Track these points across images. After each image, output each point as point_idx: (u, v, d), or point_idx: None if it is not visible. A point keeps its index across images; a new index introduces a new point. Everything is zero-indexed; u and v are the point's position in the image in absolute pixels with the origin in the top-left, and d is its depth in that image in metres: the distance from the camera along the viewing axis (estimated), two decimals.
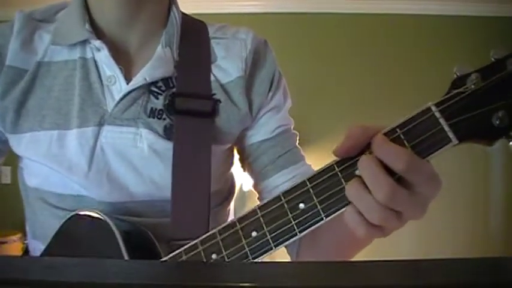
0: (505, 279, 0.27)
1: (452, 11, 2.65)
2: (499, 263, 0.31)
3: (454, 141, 0.44)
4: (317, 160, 0.75)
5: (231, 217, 0.77)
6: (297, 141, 0.75)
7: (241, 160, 0.75)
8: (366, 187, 0.45)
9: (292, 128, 0.75)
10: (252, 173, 0.74)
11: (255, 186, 0.75)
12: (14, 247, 2.36)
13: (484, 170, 2.61)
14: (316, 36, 2.71)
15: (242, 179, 1.35)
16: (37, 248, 0.69)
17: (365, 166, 0.45)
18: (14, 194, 0.77)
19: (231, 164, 0.76)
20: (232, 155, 0.76)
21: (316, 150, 2.49)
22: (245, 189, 2.09)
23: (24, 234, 2.52)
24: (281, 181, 0.70)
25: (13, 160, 0.77)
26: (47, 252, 0.63)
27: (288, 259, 0.75)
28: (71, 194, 0.66)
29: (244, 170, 0.76)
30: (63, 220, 0.62)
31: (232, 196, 0.77)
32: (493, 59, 0.45)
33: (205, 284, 0.28)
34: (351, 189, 0.46)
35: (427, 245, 2.50)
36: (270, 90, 0.72)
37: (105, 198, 0.65)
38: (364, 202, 0.45)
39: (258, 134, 0.72)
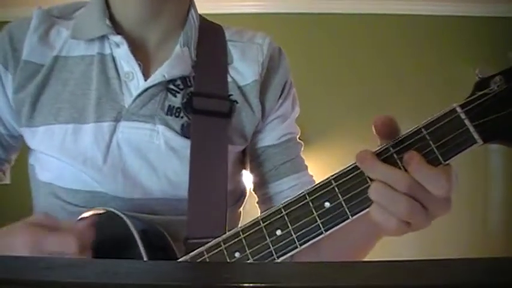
0: (504, 279, 0.27)
1: (455, 11, 2.64)
2: (499, 263, 0.31)
3: (479, 142, 0.45)
4: (317, 160, 0.75)
5: (241, 220, 0.78)
6: (302, 150, 0.76)
7: (247, 162, 0.76)
8: (386, 185, 0.46)
9: (297, 136, 0.76)
10: (255, 176, 0.75)
11: (256, 189, 0.76)
12: None
13: (483, 170, 2.61)
14: (317, 36, 2.70)
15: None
16: None
17: (375, 172, 0.47)
18: (13, 194, 0.77)
19: (243, 166, 0.76)
20: (245, 159, 0.76)
21: (316, 150, 2.49)
22: None
23: None
24: (281, 188, 0.71)
25: (14, 160, 0.77)
26: None
27: None
28: (83, 190, 0.66)
29: (249, 171, 0.76)
30: (76, 217, 0.61)
31: (244, 198, 0.78)
32: None
33: (206, 284, 0.28)
34: (372, 190, 0.47)
35: (427, 245, 2.50)
36: (280, 97, 0.73)
37: (119, 194, 0.65)
38: (387, 198, 0.46)
39: (265, 139, 0.73)
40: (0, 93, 0.68)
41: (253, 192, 0.77)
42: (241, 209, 0.78)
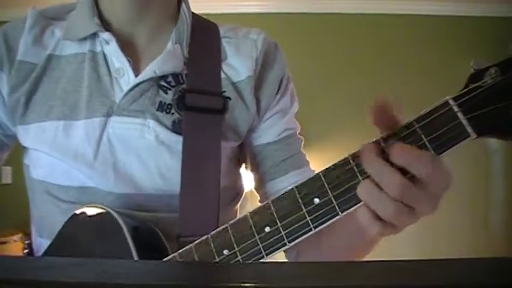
0: (505, 279, 0.27)
1: (455, 11, 2.65)
2: (500, 264, 0.31)
3: (473, 135, 0.44)
4: (318, 160, 0.75)
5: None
6: (302, 146, 0.75)
7: (247, 162, 0.75)
8: (376, 185, 0.45)
9: (297, 132, 0.75)
10: (256, 175, 0.74)
11: (257, 188, 0.75)
12: (14, 247, 2.36)
13: (484, 170, 2.61)
14: (316, 36, 2.71)
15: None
16: (43, 246, 0.69)
17: (372, 165, 0.46)
18: (14, 194, 0.77)
19: (239, 163, 0.76)
20: (241, 157, 0.75)
21: (317, 150, 2.49)
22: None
23: (25, 234, 2.52)
24: (284, 185, 0.70)
25: (14, 160, 0.77)
26: (53, 248, 0.63)
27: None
28: (75, 186, 0.66)
29: (248, 170, 0.76)
30: (69, 214, 0.61)
31: (241, 197, 0.77)
32: (510, 54, 0.44)
33: (206, 284, 0.28)
34: (362, 189, 0.46)
35: (427, 245, 2.50)
36: (277, 92, 0.72)
37: (111, 189, 0.65)
38: (376, 200, 0.45)
39: (264, 136, 0.72)
40: None
41: (254, 191, 0.76)
42: (237, 207, 0.77)
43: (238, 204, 0.77)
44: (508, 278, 0.27)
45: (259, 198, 0.76)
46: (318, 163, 0.82)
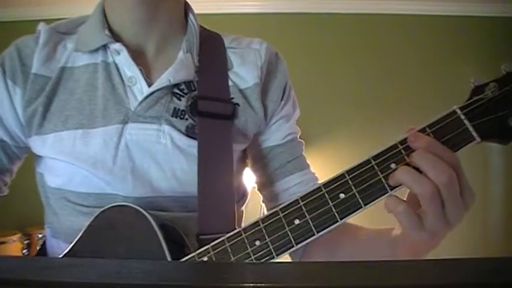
0: (503, 279, 0.27)
1: (453, 11, 2.65)
2: (499, 264, 0.31)
3: (477, 139, 0.52)
4: (317, 160, 0.75)
5: (244, 219, 0.81)
6: (303, 149, 0.80)
7: (252, 163, 0.80)
8: (416, 171, 0.52)
9: (298, 136, 0.80)
10: (262, 176, 0.78)
11: (262, 188, 0.79)
12: (13, 247, 2.36)
13: (483, 170, 2.61)
14: (316, 36, 2.71)
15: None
16: (56, 245, 0.72)
17: (424, 157, 0.51)
18: (13, 194, 0.78)
19: (244, 165, 0.80)
20: (245, 158, 0.80)
21: (317, 150, 2.49)
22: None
23: (24, 234, 2.52)
24: (289, 185, 0.75)
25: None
26: (80, 243, 0.64)
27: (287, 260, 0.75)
28: (94, 193, 0.68)
29: (253, 172, 0.80)
30: (90, 216, 0.63)
31: (246, 198, 0.81)
32: (504, 72, 0.53)
33: (207, 284, 0.28)
34: (402, 172, 0.52)
35: None
36: (282, 98, 0.77)
37: (129, 193, 0.67)
38: (416, 180, 0.51)
39: (270, 139, 0.77)
40: (9, 107, 0.70)
41: (258, 192, 0.80)
42: (243, 207, 0.81)
43: (245, 205, 0.81)
44: (508, 278, 0.27)
45: (262, 198, 0.80)
46: (317, 163, 0.82)
